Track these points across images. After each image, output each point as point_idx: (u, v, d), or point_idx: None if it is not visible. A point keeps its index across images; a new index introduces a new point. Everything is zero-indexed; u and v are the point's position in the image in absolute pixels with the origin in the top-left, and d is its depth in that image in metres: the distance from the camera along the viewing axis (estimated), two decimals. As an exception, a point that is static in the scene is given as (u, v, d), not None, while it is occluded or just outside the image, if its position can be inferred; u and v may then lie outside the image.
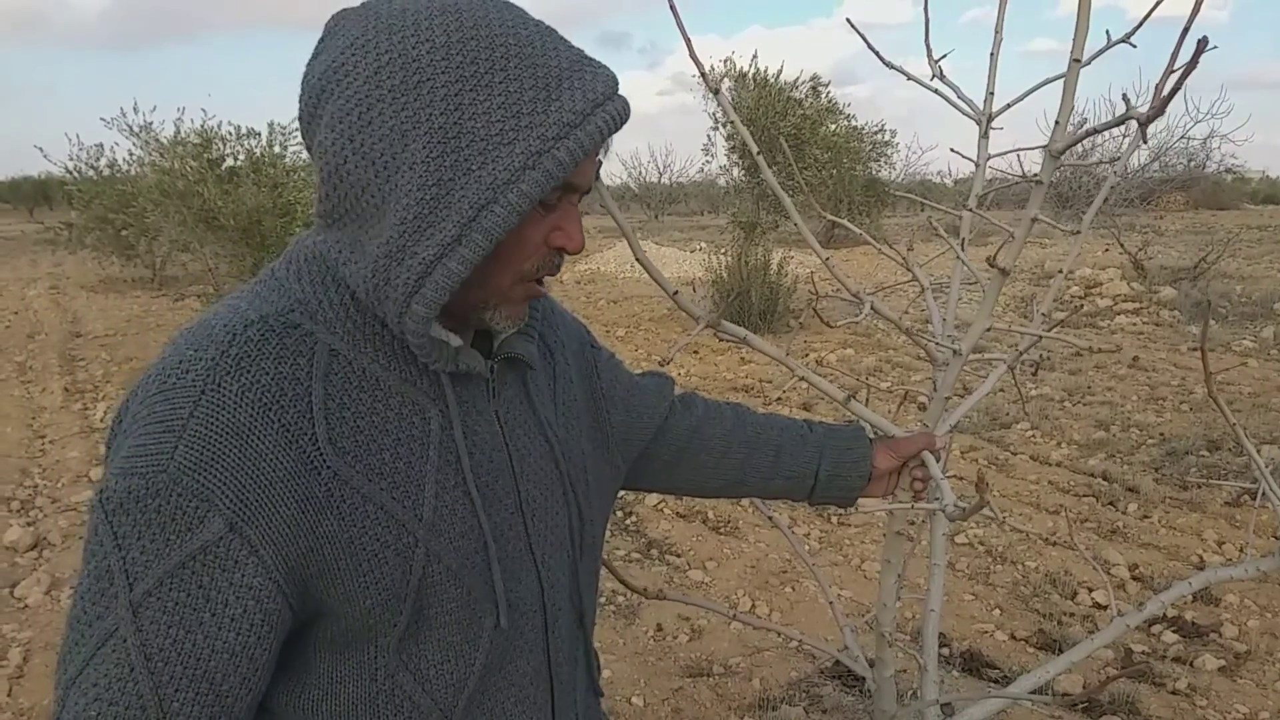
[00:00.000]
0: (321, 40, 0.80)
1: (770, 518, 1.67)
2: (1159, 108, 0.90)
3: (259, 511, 0.73)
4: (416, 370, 0.83)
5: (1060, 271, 1.33)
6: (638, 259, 1.08)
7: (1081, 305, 10.59)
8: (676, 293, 1.11)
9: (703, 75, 1.38)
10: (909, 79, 1.74)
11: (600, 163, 0.89)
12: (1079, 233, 1.26)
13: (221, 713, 0.74)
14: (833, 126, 17.95)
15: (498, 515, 0.87)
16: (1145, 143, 1.12)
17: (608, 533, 4.45)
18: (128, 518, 0.71)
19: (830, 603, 1.69)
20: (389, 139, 0.74)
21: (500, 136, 0.74)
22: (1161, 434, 5.79)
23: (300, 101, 0.80)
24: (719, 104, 1.37)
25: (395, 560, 0.79)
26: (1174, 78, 0.93)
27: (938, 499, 1.14)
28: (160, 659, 0.71)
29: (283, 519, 0.74)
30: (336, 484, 0.77)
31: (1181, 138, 14.10)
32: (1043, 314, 1.46)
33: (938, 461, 1.27)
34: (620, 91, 0.80)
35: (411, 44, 0.74)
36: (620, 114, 0.79)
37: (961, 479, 4.97)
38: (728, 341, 1.19)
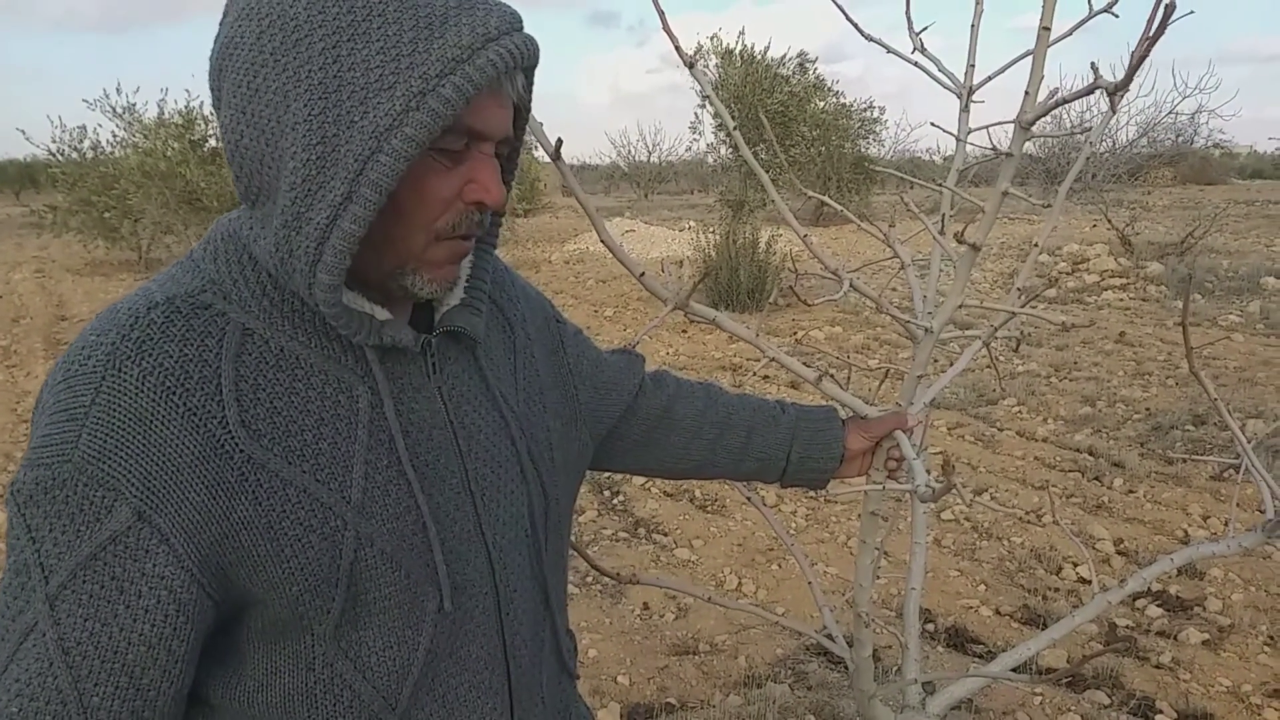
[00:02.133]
0: (220, 20, 0.77)
1: (749, 498, 1.66)
2: (1126, 77, 0.88)
3: (166, 499, 0.70)
4: (341, 347, 0.80)
5: (1035, 245, 1.32)
6: (602, 240, 1.05)
7: (1058, 279, 10.59)
8: (643, 274, 1.09)
9: (677, 48, 1.35)
10: (889, 52, 1.72)
11: (518, 107, 0.84)
12: (1049, 206, 1.24)
13: (143, 706, 0.72)
14: (821, 104, 17.92)
15: (440, 495, 0.84)
16: (1114, 113, 1.10)
17: (594, 512, 4.45)
18: (38, 510, 0.69)
19: (810, 582, 1.68)
20: (274, 103, 0.72)
21: (380, 82, 0.70)
22: (1147, 409, 5.80)
23: (208, 84, 0.78)
24: (695, 78, 1.34)
25: (321, 545, 0.76)
26: (1146, 46, 0.91)
27: (911, 479, 1.12)
28: (78, 653, 0.69)
29: (192, 505, 0.71)
30: (250, 468, 0.74)
31: (1170, 113, 14.13)
32: (1019, 289, 1.44)
33: (911, 440, 1.25)
34: (525, 29, 0.76)
35: (289, 3, 0.71)
36: (519, 49, 0.74)
37: (941, 453, 4.97)
38: (700, 322, 1.17)
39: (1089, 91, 1.02)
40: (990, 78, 1.63)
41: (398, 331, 0.81)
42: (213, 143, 12.33)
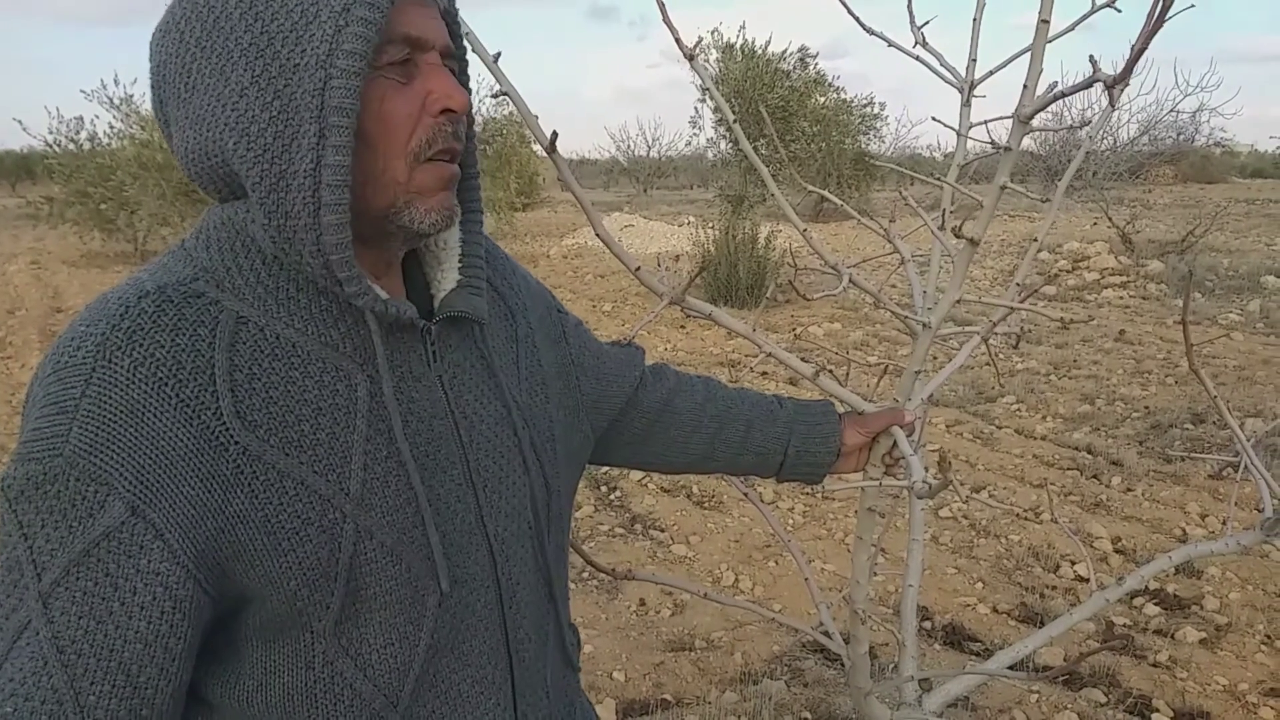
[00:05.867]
0: (149, 60, 0.80)
1: (746, 494, 1.65)
2: (1125, 69, 0.87)
3: (160, 493, 0.69)
4: (339, 334, 0.79)
5: (1035, 240, 1.30)
6: (598, 234, 1.04)
7: (1058, 276, 10.59)
8: (639, 268, 1.08)
9: (677, 40, 1.34)
10: (890, 45, 1.70)
11: (450, 21, 0.84)
12: (1048, 201, 1.23)
13: (141, 704, 0.70)
14: (821, 99, 17.91)
15: (441, 486, 0.83)
16: (1114, 108, 1.09)
17: (591, 507, 4.44)
18: (30, 505, 0.67)
19: (807, 579, 1.67)
20: (213, 88, 0.73)
21: (304, 17, 0.72)
22: (1146, 407, 5.79)
23: (156, 120, 0.80)
24: (695, 71, 1.33)
25: (320, 538, 0.75)
26: (1145, 37, 0.90)
27: (908, 476, 1.11)
28: (73, 651, 0.67)
29: (187, 500, 0.70)
30: (246, 460, 0.72)
31: (1171, 111, 14.12)
32: (1017, 284, 1.43)
33: (909, 436, 1.24)
34: None
35: (192, 3, 0.75)
36: None
37: (937, 450, 4.97)
38: (698, 317, 1.16)
39: (1087, 85, 1.01)
40: (992, 72, 1.62)
41: (401, 305, 0.80)
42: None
